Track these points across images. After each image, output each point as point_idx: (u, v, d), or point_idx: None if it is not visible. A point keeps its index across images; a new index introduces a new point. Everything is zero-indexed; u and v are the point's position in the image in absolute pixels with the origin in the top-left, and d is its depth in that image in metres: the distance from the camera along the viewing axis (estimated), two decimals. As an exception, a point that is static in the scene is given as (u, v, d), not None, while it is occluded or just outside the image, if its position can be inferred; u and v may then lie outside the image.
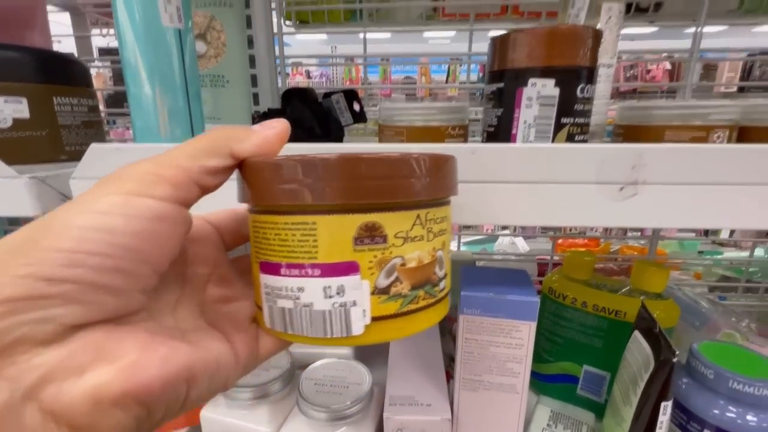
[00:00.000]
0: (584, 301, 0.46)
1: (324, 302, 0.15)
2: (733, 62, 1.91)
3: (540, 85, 0.26)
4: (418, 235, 0.16)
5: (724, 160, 0.23)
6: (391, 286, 0.16)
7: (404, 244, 0.16)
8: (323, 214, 0.15)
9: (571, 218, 0.25)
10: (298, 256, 0.15)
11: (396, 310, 0.16)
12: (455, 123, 0.29)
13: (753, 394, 0.32)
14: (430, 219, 0.16)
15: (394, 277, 0.16)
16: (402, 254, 0.16)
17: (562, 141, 0.27)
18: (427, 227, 0.16)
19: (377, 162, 0.15)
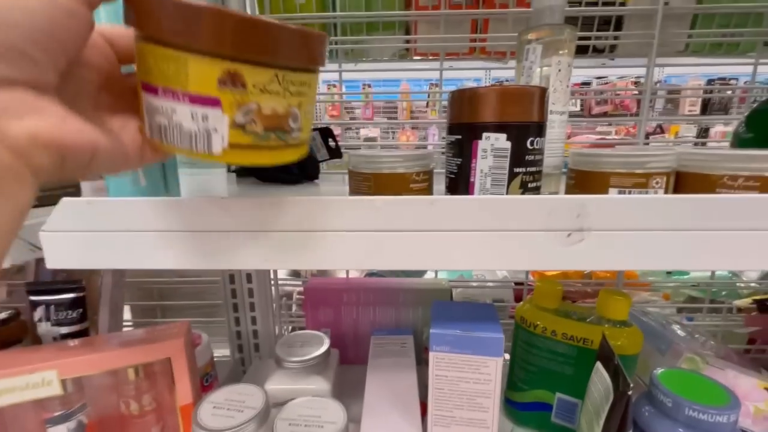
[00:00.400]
0: (554, 329, 0.47)
1: (191, 124, 0.19)
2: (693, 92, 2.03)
3: (493, 139, 0.28)
4: (275, 91, 0.19)
5: (656, 209, 0.25)
6: (247, 125, 0.19)
7: (262, 94, 0.19)
8: (195, 54, 0.18)
9: (524, 263, 0.26)
10: (173, 84, 0.19)
11: (249, 142, 0.20)
12: (420, 169, 0.31)
13: (708, 421, 0.33)
14: (288, 80, 0.20)
15: (250, 118, 0.19)
16: (258, 102, 0.19)
17: (516, 188, 0.29)
18: (284, 86, 0.20)
19: (247, 22, 0.18)
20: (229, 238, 0.27)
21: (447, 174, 0.32)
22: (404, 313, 0.64)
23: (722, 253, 0.25)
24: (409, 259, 0.26)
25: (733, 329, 0.71)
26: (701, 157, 0.30)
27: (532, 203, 0.25)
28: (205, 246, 0.27)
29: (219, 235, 0.27)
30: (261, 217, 0.26)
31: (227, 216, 0.26)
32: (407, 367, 0.49)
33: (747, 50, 0.63)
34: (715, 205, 0.25)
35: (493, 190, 0.29)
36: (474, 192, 0.29)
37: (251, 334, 0.70)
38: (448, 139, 0.31)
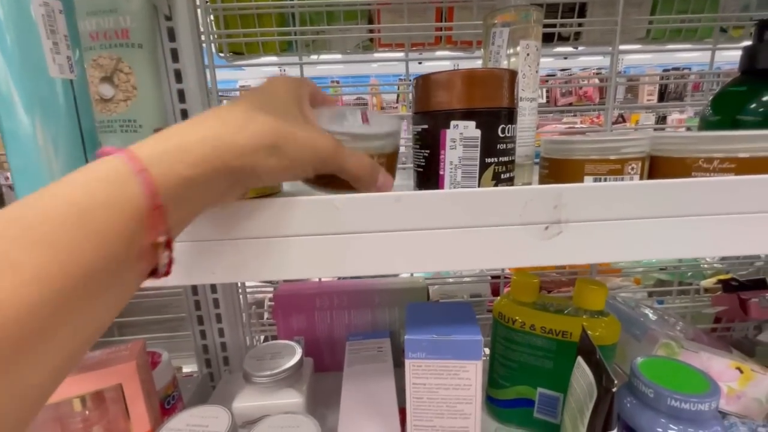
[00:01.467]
0: (532, 324, 0.46)
1: None
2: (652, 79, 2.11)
3: (462, 127, 0.26)
4: None
5: (635, 196, 0.23)
6: None
7: None
8: None
9: (500, 260, 0.24)
10: None
11: None
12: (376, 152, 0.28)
13: (690, 410, 0.33)
14: None
15: None
16: None
17: (489, 180, 0.27)
18: None
19: None
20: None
21: (415, 167, 0.30)
22: (380, 315, 0.61)
23: (706, 239, 0.24)
24: (375, 264, 0.23)
25: (701, 310, 0.73)
26: (675, 140, 0.29)
27: (507, 195, 0.23)
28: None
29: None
30: (205, 224, 0.23)
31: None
32: (384, 373, 0.46)
33: (704, 36, 0.64)
34: (694, 189, 0.24)
35: (464, 182, 0.27)
36: (444, 186, 0.27)
37: (219, 347, 0.66)
38: (414, 129, 0.29)
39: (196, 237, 0.23)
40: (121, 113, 0.32)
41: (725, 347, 0.56)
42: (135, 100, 0.32)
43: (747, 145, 0.26)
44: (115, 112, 0.32)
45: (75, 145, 0.33)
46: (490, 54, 0.36)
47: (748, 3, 0.60)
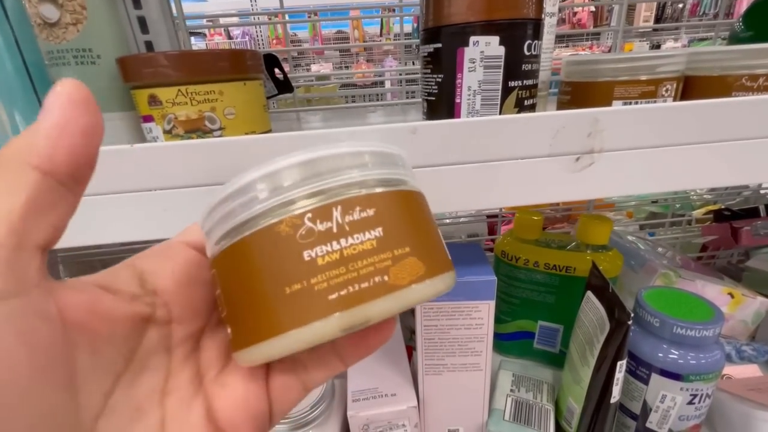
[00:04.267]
0: (536, 261, 0.46)
1: (148, 135, 0.26)
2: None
3: (483, 44, 0.22)
4: (183, 101, 0.25)
5: (679, 119, 0.21)
6: (172, 129, 0.25)
7: (174, 107, 0.25)
8: (137, 89, 0.26)
9: (526, 197, 0.22)
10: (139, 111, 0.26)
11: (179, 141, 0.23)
12: None
13: (694, 336, 0.33)
14: (192, 92, 0.25)
15: (172, 125, 0.25)
16: (174, 112, 0.25)
17: (511, 108, 0.24)
18: (189, 97, 0.25)
19: (148, 59, 0.25)
20: (156, 198, 0.21)
21: (425, 97, 0.26)
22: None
23: (751, 164, 0.22)
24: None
25: (690, 240, 0.75)
26: (715, 56, 0.26)
27: (536, 123, 0.21)
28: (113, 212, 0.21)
29: (137, 197, 0.20)
30: (196, 165, 0.20)
31: (143, 168, 0.20)
32: (389, 315, 0.46)
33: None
34: (744, 108, 0.21)
35: (483, 111, 0.23)
36: (460, 115, 0.24)
37: (217, 297, 0.65)
38: (424, 50, 0.25)
39: (190, 182, 0.20)
40: (73, 41, 0.27)
41: (715, 274, 0.58)
42: (86, 23, 0.27)
43: (798, 57, 0.23)
44: (64, 39, 0.27)
45: (21, 83, 0.28)
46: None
47: None
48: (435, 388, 0.35)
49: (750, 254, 0.65)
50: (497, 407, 0.38)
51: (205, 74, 0.24)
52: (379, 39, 2.66)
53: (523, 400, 0.39)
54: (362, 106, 0.63)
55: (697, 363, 0.34)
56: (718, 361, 0.34)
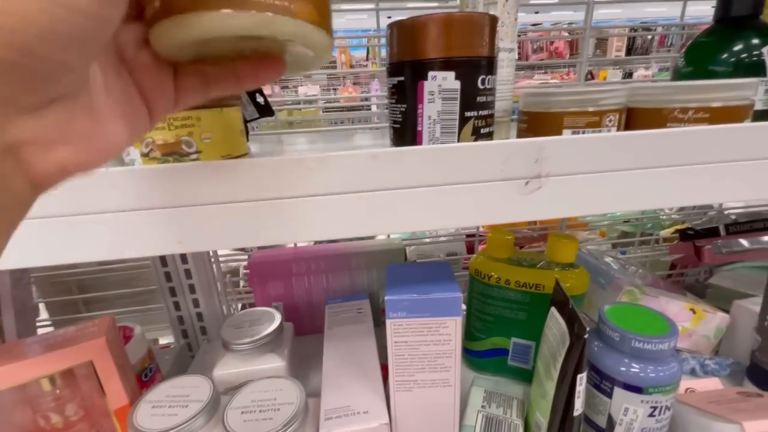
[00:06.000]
0: (507, 279, 0.47)
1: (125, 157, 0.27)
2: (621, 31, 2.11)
3: (440, 78, 0.24)
4: (161, 126, 0.26)
5: (614, 148, 0.23)
6: (149, 153, 0.26)
7: (152, 131, 0.25)
8: None
9: (479, 218, 0.24)
10: None
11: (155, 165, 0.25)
12: None
13: (651, 350, 0.35)
14: (171, 118, 0.26)
15: (149, 148, 0.26)
16: (152, 136, 0.26)
17: (468, 136, 0.26)
18: (168, 122, 0.26)
19: None
20: (122, 219, 0.22)
21: (391, 124, 0.28)
22: (359, 277, 0.62)
23: (681, 189, 0.24)
24: (351, 226, 0.22)
25: (659, 258, 0.78)
26: (652, 91, 0.28)
27: (488, 150, 0.23)
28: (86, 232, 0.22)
29: (107, 217, 0.21)
30: (163, 190, 0.21)
31: (117, 192, 0.21)
32: (365, 333, 0.47)
33: (676, -14, 0.64)
34: (671, 139, 0.24)
35: (443, 138, 0.25)
36: (422, 142, 0.26)
37: (195, 317, 0.64)
38: (390, 82, 0.27)
39: (153, 204, 0.21)
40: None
41: (680, 291, 0.61)
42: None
43: (720, 94, 0.26)
44: None
45: None
46: (467, 1, 0.33)
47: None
48: (406, 405, 0.35)
49: (713, 272, 0.68)
50: (468, 423, 0.38)
51: None
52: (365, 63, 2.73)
53: (493, 416, 0.39)
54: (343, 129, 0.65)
55: (656, 376, 0.35)
56: (675, 373, 0.36)
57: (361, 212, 0.23)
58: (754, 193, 0.25)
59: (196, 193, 0.21)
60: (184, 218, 0.22)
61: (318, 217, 0.23)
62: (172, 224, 0.22)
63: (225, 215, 0.22)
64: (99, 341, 0.38)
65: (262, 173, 0.21)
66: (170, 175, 0.21)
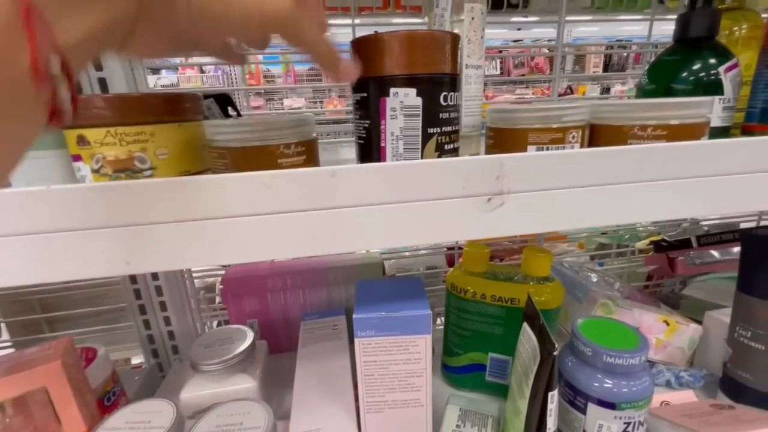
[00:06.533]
0: (483, 293, 0.47)
1: (77, 173, 0.27)
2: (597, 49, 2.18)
3: (402, 95, 0.24)
4: (111, 142, 0.25)
5: (574, 165, 0.23)
6: (100, 169, 0.26)
7: (102, 147, 0.26)
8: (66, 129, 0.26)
9: (443, 235, 0.23)
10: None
11: (106, 182, 0.26)
12: (294, 140, 0.26)
13: (623, 364, 0.35)
14: (121, 133, 0.25)
15: (100, 164, 0.26)
16: (102, 152, 0.26)
17: (432, 152, 0.26)
18: (119, 138, 0.25)
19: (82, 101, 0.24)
20: (74, 238, 0.20)
21: (356, 140, 0.28)
22: (336, 292, 0.61)
23: (640, 205, 0.24)
24: (310, 245, 0.22)
25: (636, 269, 0.79)
26: (612, 108, 0.29)
27: (447, 167, 0.22)
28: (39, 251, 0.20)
29: (55, 237, 0.20)
30: (115, 208, 0.20)
31: (61, 211, 0.20)
32: (339, 351, 0.46)
33: (643, 6, 0.66)
34: (628, 156, 0.24)
35: (406, 154, 0.25)
36: (386, 158, 0.25)
37: (166, 336, 0.62)
38: (354, 98, 0.27)
39: (99, 224, 0.20)
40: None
41: (655, 303, 0.61)
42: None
43: (677, 112, 0.27)
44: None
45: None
46: (435, 18, 0.34)
47: (684, -27, 0.62)
48: (377, 426, 0.34)
49: (687, 282, 0.70)
50: (443, 444, 0.37)
51: (135, 117, 0.25)
52: (350, 76, 2.75)
53: (468, 435, 0.38)
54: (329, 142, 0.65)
55: (629, 391, 0.35)
56: (647, 387, 0.36)
57: (320, 230, 0.22)
58: (710, 208, 0.25)
59: (147, 212, 0.20)
60: (134, 238, 0.21)
61: (276, 235, 0.22)
62: (120, 244, 0.21)
63: (177, 234, 0.21)
64: (54, 365, 0.36)
65: (215, 191, 0.21)
66: (118, 193, 0.20)
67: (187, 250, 0.21)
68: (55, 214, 0.20)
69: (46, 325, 0.64)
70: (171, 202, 0.21)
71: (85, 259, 0.21)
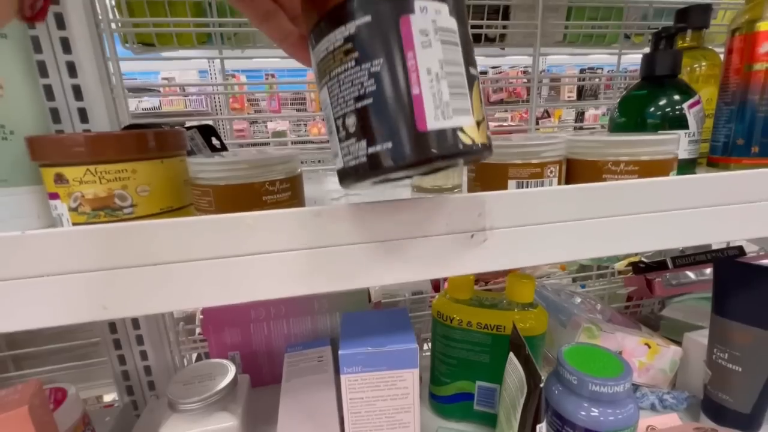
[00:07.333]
0: (469, 320, 0.47)
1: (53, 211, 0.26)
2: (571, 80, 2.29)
3: (433, 10, 0.17)
4: (91, 180, 0.25)
5: (552, 202, 0.24)
6: (78, 207, 0.25)
7: (81, 185, 0.25)
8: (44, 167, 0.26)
9: (429, 272, 0.24)
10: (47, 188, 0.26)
11: (84, 220, 0.26)
12: (279, 177, 0.26)
13: (608, 393, 0.35)
14: (102, 171, 0.25)
15: (78, 203, 0.25)
16: (81, 190, 0.25)
17: (478, 102, 0.18)
18: (98, 176, 0.25)
19: (61, 140, 0.25)
20: (50, 284, 0.20)
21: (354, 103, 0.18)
22: (321, 321, 0.59)
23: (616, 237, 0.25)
24: (294, 285, 0.22)
25: (616, 290, 0.81)
26: (587, 144, 0.30)
27: (433, 205, 0.23)
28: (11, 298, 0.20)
29: (29, 283, 0.19)
30: (87, 252, 0.20)
31: (36, 257, 0.19)
32: (324, 384, 0.45)
33: (611, 41, 0.70)
34: (602, 192, 0.25)
35: (455, 103, 0.17)
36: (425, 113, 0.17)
37: (142, 371, 0.59)
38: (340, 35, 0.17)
39: (75, 268, 0.19)
40: (-15, 118, 0.27)
41: (635, 325, 0.63)
42: (2, 99, 0.27)
43: (647, 149, 0.28)
44: (-24, 116, 0.26)
45: None
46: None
47: (646, 13, 0.67)
48: (365, 466, 0.33)
49: (665, 303, 0.71)
50: (432, 481, 0.36)
51: (116, 154, 0.25)
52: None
53: (457, 470, 0.38)
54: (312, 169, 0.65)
55: (615, 419, 0.35)
56: (632, 415, 0.36)
57: (306, 270, 0.22)
58: (681, 240, 0.26)
59: (125, 255, 0.20)
60: (112, 282, 0.20)
61: (259, 276, 0.22)
62: (98, 288, 0.20)
63: (157, 277, 0.20)
64: (20, 411, 0.34)
65: (196, 232, 0.20)
66: (96, 236, 0.20)
67: (168, 292, 0.21)
68: (30, 260, 0.19)
69: (11, 364, 0.60)
70: (151, 244, 0.20)
71: (60, 305, 0.20)
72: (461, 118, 0.17)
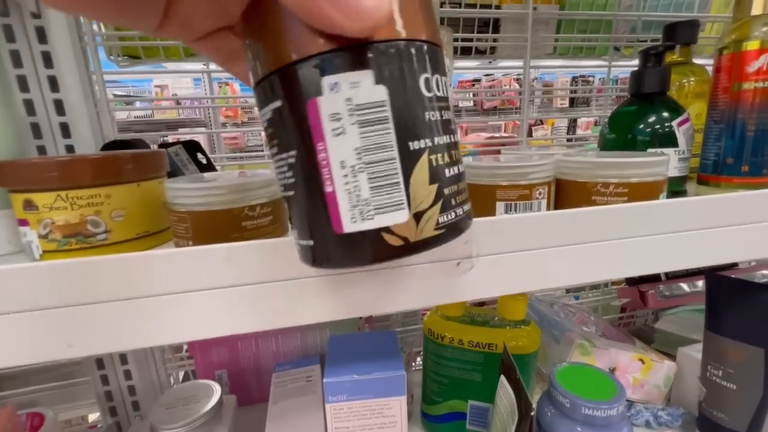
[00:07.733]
0: (460, 338, 0.46)
1: (23, 239, 0.25)
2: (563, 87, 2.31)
3: (347, 86, 0.13)
4: (62, 206, 0.24)
5: (539, 228, 0.24)
6: (48, 234, 0.24)
7: (51, 211, 0.24)
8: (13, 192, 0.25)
9: (414, 301, 0.23)
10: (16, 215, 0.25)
11: (55, 248, 0.25)
12: (259, 201, 0.25)
13: (601, 416, 0.34)
14: (73, 197, 0.24)
15: (48, 230, 0.24)
16: (51, 217, 0.24)
17: (425, 184, 0.15)
18: (70, 201, 0.24)
19: (30, 165, 0.24)
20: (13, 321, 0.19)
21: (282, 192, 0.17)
22: (310, 337, 0.58)
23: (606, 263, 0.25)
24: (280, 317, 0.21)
25: (610, 302, 0.80)
26: (575, 165, 0.30)
27: (416, 233, 0.22)
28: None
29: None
30: (51, 288, 0.19)
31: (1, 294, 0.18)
32: (312, 406, 0.43)
33: (601, 53, 0.71)
34: (591, 217, 0.24)
35: (377, 199, 0.14)
36: (341, 216, 0.14)
37: (126, 391, 0.58)
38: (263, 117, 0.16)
39: (39, 305, 0.18)
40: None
41: (629, 338, 0.62)
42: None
43: (636, 171, 0.28)
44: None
45: None
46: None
47: (635, 26, 0.67)
48: (351, 497, 0.32)
49: (659, 315, 0.71)
50: None
51: (88, 180, 0.24)
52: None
53: (449, 497, 0.36)
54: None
55: (609, 443, 0.34)
56: (626, 438, 0.35)
57: (288, 304, 0.21)
58: (673, 264, 0.26)
59: (90, 291, 0.19)
60: (78, 319, 0.19)
61: (240, 309, 0.21)
62: (62, 326, 0.19)
63: (124, 313, 0.19)
64: (-10, 444, 0.32)
65: (164, 265, 0.19)
66: (62, 271, 0.19)
67: (135, 328, 0.20)
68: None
69: (-10, 385, 0.58)
70: (117, 280, 0.19)
71: (25, 343, 0.19)
72: (387, 216, 0.14)
